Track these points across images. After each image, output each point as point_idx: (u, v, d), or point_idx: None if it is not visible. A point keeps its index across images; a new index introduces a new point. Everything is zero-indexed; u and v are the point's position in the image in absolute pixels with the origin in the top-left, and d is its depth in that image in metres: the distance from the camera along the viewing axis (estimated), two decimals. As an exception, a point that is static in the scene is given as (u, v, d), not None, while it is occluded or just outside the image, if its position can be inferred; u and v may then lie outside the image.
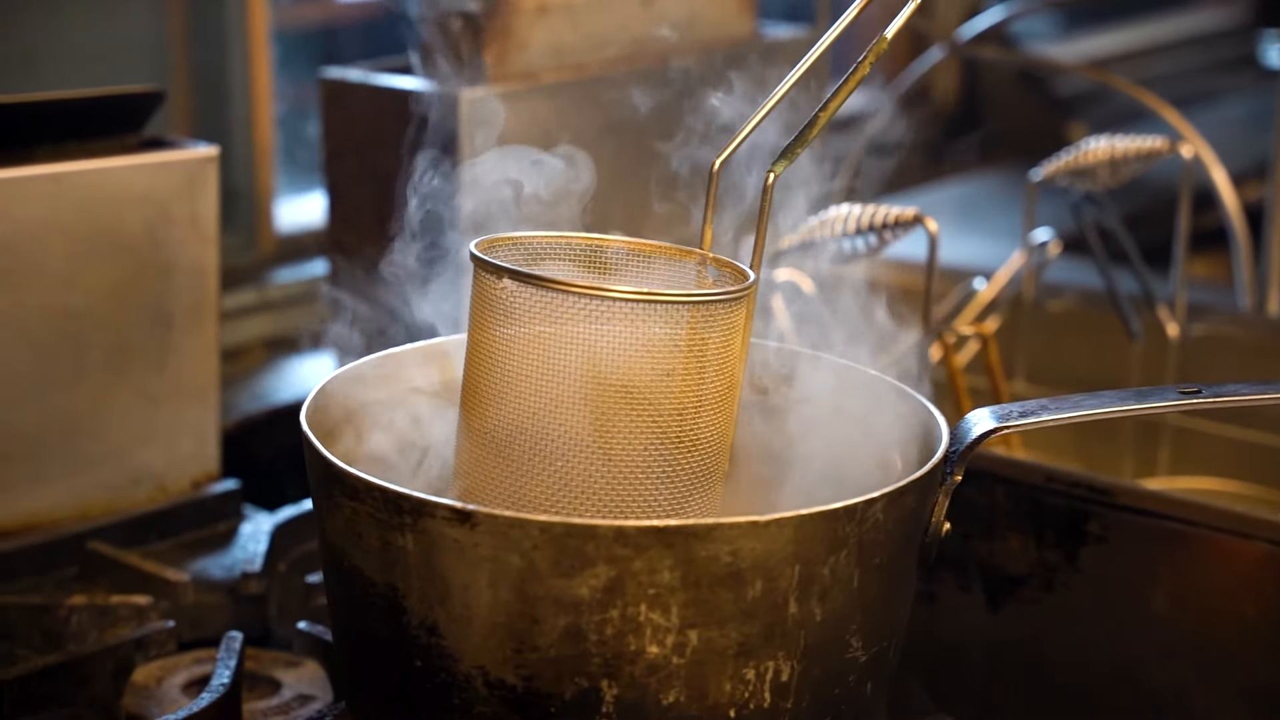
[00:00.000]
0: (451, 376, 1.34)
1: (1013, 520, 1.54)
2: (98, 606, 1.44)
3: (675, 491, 1.18)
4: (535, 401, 1.15)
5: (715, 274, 1.26)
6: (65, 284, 1.59)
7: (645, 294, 1.14)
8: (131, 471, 1.66)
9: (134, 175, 1.61)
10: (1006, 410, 1.25)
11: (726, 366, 1.19)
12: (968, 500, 1.54)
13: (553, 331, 1.15)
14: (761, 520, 1.09)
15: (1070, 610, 1.52)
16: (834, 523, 1.11)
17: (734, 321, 1.19)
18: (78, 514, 1.62)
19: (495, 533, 1.08)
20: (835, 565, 1.12)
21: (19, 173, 1.55)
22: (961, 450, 1.22)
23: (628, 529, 1.07)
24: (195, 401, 1.68)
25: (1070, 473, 1.51)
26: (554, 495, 1.16)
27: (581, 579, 1.08)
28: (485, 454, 1.18)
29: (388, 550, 1.12)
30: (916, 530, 1.19)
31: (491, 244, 1.23)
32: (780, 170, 1.23)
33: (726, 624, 1.10)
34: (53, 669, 1.34)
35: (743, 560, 1.09)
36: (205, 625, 1.52)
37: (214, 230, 1.67)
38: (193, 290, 1.66)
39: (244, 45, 2.15)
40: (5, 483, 1.58)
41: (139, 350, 1.64)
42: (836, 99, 1.25)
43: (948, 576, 1.58)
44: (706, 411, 1.18)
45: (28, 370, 1.58)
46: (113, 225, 1.60)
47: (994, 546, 1.55)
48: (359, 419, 1.29)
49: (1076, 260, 2.08)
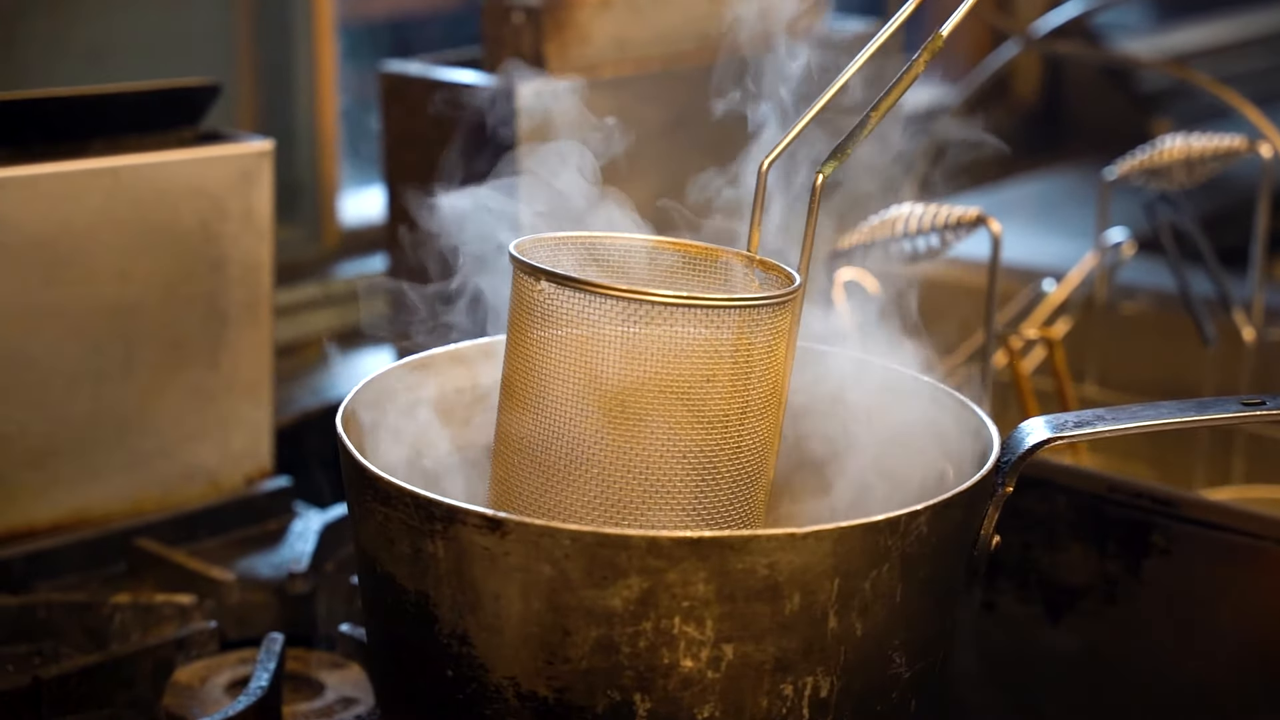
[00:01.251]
0: (494, 378, 1.31)
1: (1074, 530, 1.50)
2: (141, 605, 1.43)
3: (716, 501, 1.15)
4: (571, 407, 1.13)
5: (762, 277, 1.23)
6: (118, 278, 1.58)
7: (686, 298, 1.12)
8: (183, 467, 1.65)
9: (188, 169, 1.60)
10: (1061, 420, 1.21)
11: (771, 372, 1.16)
12: (1028, 509, 1.50)
13: (590, 335, 1.12)
14: (799, 533, 1.06)
15: (1132, 624, 1.48)
16: (875, 536, 1.08)
17: (779, 326, 1.16)
18: (129, 510, 1.61)
19: (526, 541, 1.06)
20: (877, 579, 1.09)
21: (71, 166, 1.54)
22: (1014, 461, 1.18)
23: (661, 540, 1.05)
24: (249, 397, 1.67)
25: (1133, 483, 1.47)
26: (590, 503, 1.13)
27: (614, 590, 1.06)
28: (521, 459, 1.16)
29: (419, 557, 1.10)
30: (964, 543, 1.16)
31: (533, 244, 1.21)
32: (829, 171, 1.20)
33: (763, 638, 1.07)
34: (91, 669, 1.33)
35: (780, 573, 1.06)
36: (251, 624, 1.51)
37: (269, 225, 1.65)
38: (247, 285, 1.65)
39: (309, 38, 2.14)
40: (56, 477, 1.58)
41: (192, 346, 1.63)
42: (890, 97, 1.22)
43: (1006, 586, 1.54)
44: (749, 419, 1.15)
45: (80, 365, 1.57)
46: (167, 219, 1.60)
47: (1055, 556, 1.51)
48: (399, 421, 1.27)
49: (1151, 261, 2.03)
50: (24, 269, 1.53)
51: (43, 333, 1.55)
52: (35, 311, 1.54)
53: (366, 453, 1.22)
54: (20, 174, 1.52)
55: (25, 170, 1.52)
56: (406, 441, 1.27)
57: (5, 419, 1.54)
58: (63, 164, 1.54)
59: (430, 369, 1.32)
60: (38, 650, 1.41)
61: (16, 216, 1.52)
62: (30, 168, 1.52)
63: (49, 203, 1.52)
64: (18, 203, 1.51)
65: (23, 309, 1.54)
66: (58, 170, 1.53)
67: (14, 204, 1.51)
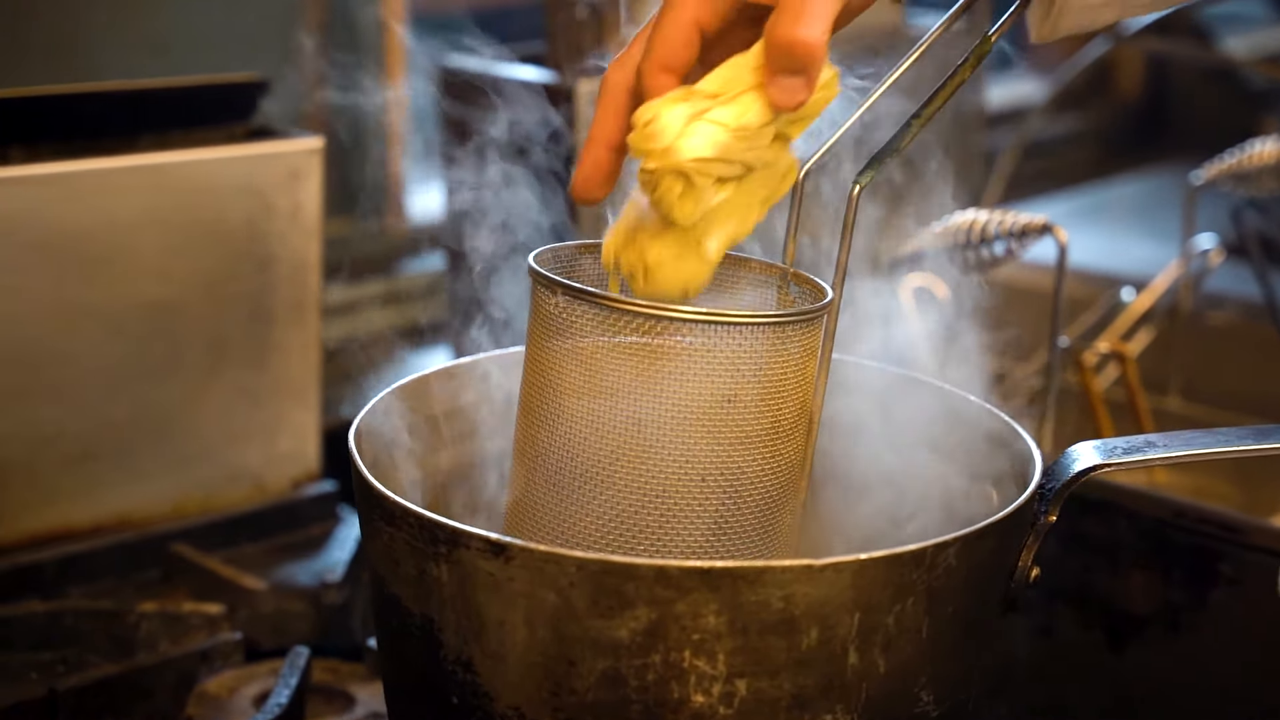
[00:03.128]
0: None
1: (1137, 556, 1.43)
2: (169, 614, 1.41)
3: (739, 527, 1.09)
4: (585, 425, 1.08)
5: (796, 290, 1.17)
6: (160, 277, 1.55)
7: (705, 313, 1.06)
8: (227, 470, 1.62)
9: (234, 166, 1.57)
10: (1111, 446, 1.15)
11: (799, 392, 1.10)
12: (1088, 531, 1.44)
13: (606, 350, 1.07)
14: (816, 564, 1.00)
15: (1198, 656, 1.41)
16: (899, 568, 1.02)
17: (807, 343, 1.10)
18: (170, 513, 1.58)
19: (530, 567, 1.01)
20: (901, 613, 1.03)
21: (111, 163, 1.52)
22: (1058, 488, 1.12)
23: (669, 569, 1.00)
24: (296, 399, 1.64)
25: (1200, 507, 1.40)
26: (604, 527, 1.09)
27: (621, 621, 1.01)
28: (535, 478, 1.11)
29: (423, 579, 1.06)
30: (999, 575, 1.10)
31: (553, 254, 1.16)
32: (866, 181, 1.14)
33: (779, 674, 1.02)
34: (110, 680, 1.30)
35: (796, 606, 1.01)
36: (288, 633, 1.48)
37: (317, 223, 1.62)
38: (294, 285, 1.62)
39: (377, 30, 2.11)
40: (96, 479, 1.55)
41: (237, 346, 1.60)
42: (933, 104, 1.16)
43: (1065, 611, 1.47)
44: (775, 441, 1.09)
45: (121, 364, 1.55)
46: (211, 217, 1.57)
47: (1116, 582, 1.44)
48: (422, 434, 1.23)
49: (1241, 269, 1.95)
50: (63, 267, 1.51)
51: (83, 331, 1.52)
52: (75, 310, 1.52)
53: (385, 468, 1.18)
54: (59, 170, 1.49)
55: (63, 167, 1.49)
56: (430, 456, 1.23)
57: (44, 419, 1.52)
58: (102, 160, 1.51)
59: (456, 379, 1.28)
60: (62, 658, 1.39)
61: (55, 213, 1.49)
62: (68, 164, 1.49)
63: (88, 200, 1.50)
64: (56, 200, 1.49)
65: (62, 307, 1.51)
66: (97, 167, 1.51)
67: (52, 201, 1.49)
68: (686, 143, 1.02)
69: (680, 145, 1.02)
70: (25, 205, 1.48)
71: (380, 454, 1.20)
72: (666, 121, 1.02)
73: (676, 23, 1.03)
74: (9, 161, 1.52)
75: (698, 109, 1.02)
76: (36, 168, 1.49)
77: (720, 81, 1.04)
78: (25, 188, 1.48)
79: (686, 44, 1.04)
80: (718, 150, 1.02)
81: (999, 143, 2.23)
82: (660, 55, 1.04)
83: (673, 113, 1.02)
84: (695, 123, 1.02)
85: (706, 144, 1.02)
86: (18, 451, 1.51)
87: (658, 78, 1.04)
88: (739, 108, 1.02)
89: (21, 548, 1.50)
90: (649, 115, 1.03)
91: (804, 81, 1.02)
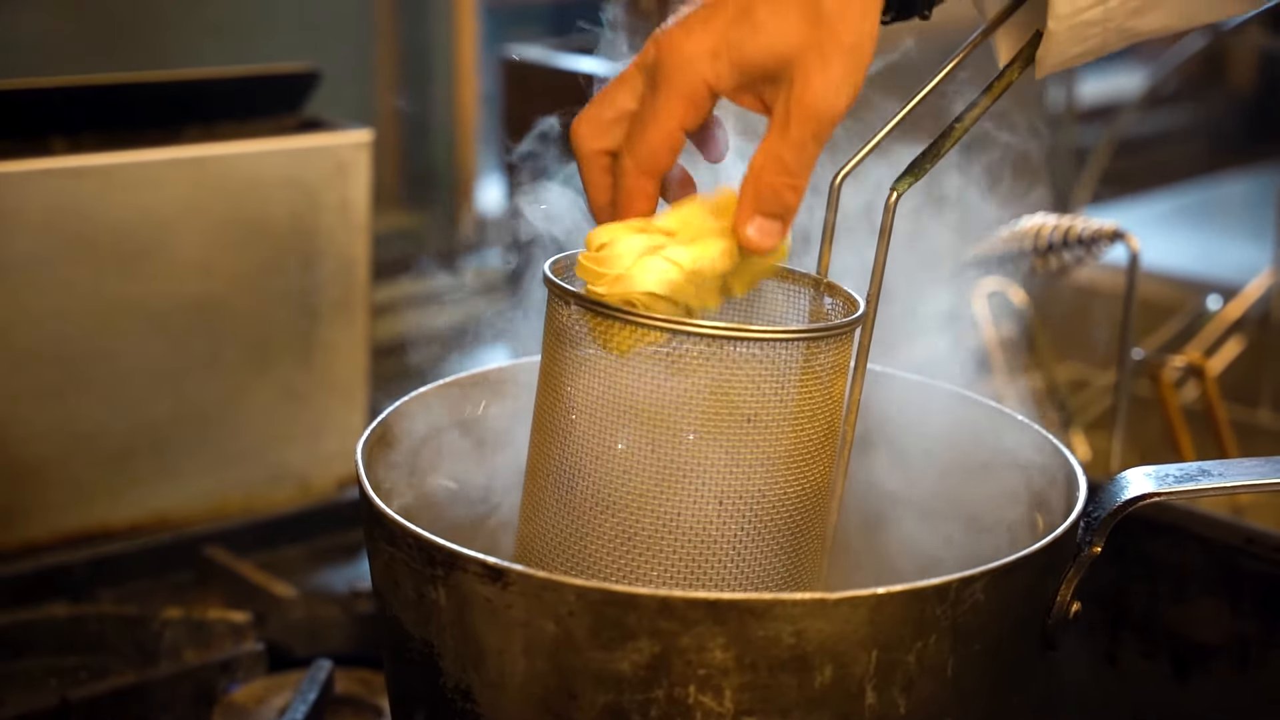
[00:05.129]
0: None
1: (1206, 583, 1.35)
2: (193, 621, 1.37)
3: (760, 554, 1.03)
4: (596, 443, 1.02)
5: (830, 302, 1.11)
6: (202, 272, 1.52)
7: (725, 328, 1.00)
8: (270, 470, 1.58)
9: (278, 159, 1.53)
10: (1164, 473, 1.08)
11: (825, 411, 1.04)
12: (1155, 556, 1.37)
13: (619, 365, 1.02)
14: (830, 598, 0.94)
15: (1268, 691, 1.33)
16: (920, 603, 0.96)
17: (836, 360, 1.04)
18: (211, 513, 1.55)
19: (528, 594, 0.96)
20: (923, 651, 0.97)
21: (152, 155, 1.49)
22: (1104, 517, 1.05)
23: (673, 600, 0.94)
24: (342, 398, 1.60)
25: (1274, 535, 1.32)
26: (615, 551, 1.03)
27: (623, 653, 0.95)
28: (545, 497, 1.06)
29: (423, 603, 1.01)
30: (1034, 611, 1.03)
31: (569, 260, 1.10)
32: (904, 189, 1.07)
33: (790, 712, 0.96)
34: (125, 691, 1.26)
35: (808, 643, 0.95)
36: (321, 640, 1.43)
37: (366, 218, 1.58)
38: (341, 281, 1.58)
39: (450, 20, 2.06)
40: (135, 478, 1.52)
41: (281, 343, 1.56)
42: (978, 107, 1.09)
43: (1129, 638, 1.40)
44: (799, 463, 1.03)
45: (160, 362, 1.51)
46: (255, 211, 1.53)
47: (1183, 611, 1.37)
48: (440, 446, 1.19)
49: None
50: (102, 261, 1.48)
51: (122, 328, 1.49)
52: (114, 305, 1.49)
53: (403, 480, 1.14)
54: (98, 162, 1.46)
55: (103, 159, 1.47)
56: (447, 469, 1.18)
57: (83, 417, 1.49)
58: (142, 152, 1.48)
59: (480, 388, 1.23)
60: (84, 665, 1.35)
61: (95, 206, 1.46)
62: (108, 156, 1.47)
63: (128, 193, 1.47)
64: (96, 192, 1.46)
65: (101, 303, 1.48)
66: (137, 159, 1.48)
67: (92, 193, 1.46)
68: (640, 275, 1.00)
69: (634, 275, 1.00)
70: (64, 198, 1.45)
71: (398, 464, 1.16)
72: (622, 250, 1.00)
73: (662, 130, 1.00)
74: (50, 152, 1.49)
75: (654, 244, 1.01)
76: (75, 159, 1.47)
77: (678, 220, 1.02)
78: (64, 180, 1.45)
79: (671, 150, 1.02)
80: (668, 289, 1.00)
81: (1092, 138, 2.15)
82: (643, 159, 1.01)
83: (629, 242, 1.01)
84: (650, 257, 1.00)
85: (659, 280, 1.00)
86: (53, 449, 1.48)
87: (637, 180, 1.02)
88: (698, 250, 1.01)
89: (53, 547, 1.47)
90: (605, 239, 1.01)
91: (781, 226, 1.01)
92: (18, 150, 1.47)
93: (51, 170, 1.46)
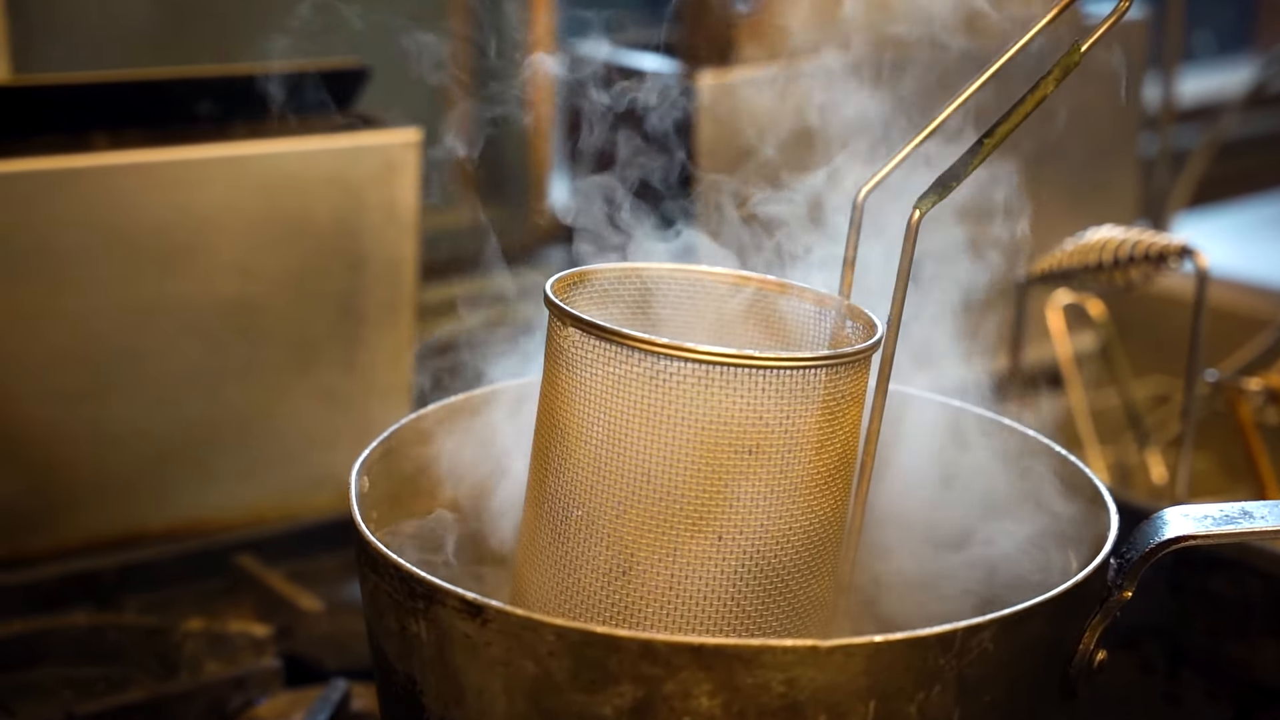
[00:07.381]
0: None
1: (1270, 622, 1.28)
2: (214, 634, 1.33)
3: (761, 593, 0.98)
4: (591, 471, 0.97)
5: (852, 326, 1.05)
6: (242, 273, 1.48)
7: (726, 355, 0.95)
8: (310, 474, 1.55)
9: (322, 158, 1.50)
10: (1205, 514, 1.01)
11: (836, 441, 0.98)
12: (1217, 592, 1.30)
13: (616, 392, 0.96)
14: (823, 646, 0.89)
15: (1333, 738, 1.26)
16: (922, 653, 0.90)
17: (849, 389, 0.98)
18: (248, 518, 1.52)
19: (508, 633, 0.91)
20: (926, 702, 0.91)
21: (192, 153, 1.46)
22: (1136, 560, 0.99)
23: (656, 644, 0.89)
24: (385, 402, 1.56)
25: (1340, 572, 1.25)
26: (608, 585, 0.98)
27: (604, 697, 0.90)
28: (541, 525, 1.01)
29: (404, 635, 0.97)
30: (1053, 660, 0.97)
31: (579, 277, 1.06)
32: (927, 208, 1.01)
33: (782, 765, 0.91)
34: (134, 706, 1.23)
35: (800, 692, 0.89)
36: (350, 654, 1.39)
37: (413, 219, 1.53)
38: (387, 284, 1.54)
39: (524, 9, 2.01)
40: (171, 482, 1.50)
41: (323, 346, 1.53)
42: (1009, 122, 1.02)
43: (1192, 678, 1.33)
44: (806, 498, 0.98)
45: (198, 364, 1.48)
46: (298, 211, 1.49)
47: (1247, 651, 1.29)
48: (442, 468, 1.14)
49: None
50: (140, 260, 1.45)
51: (158, 329, 1.46)
52: (150, 306, 1.46)
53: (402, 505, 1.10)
54: (135, 160, 1.43)
55: (140, 156, 1.43)
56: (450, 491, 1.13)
57: (118, 419, 1.47)
58: (181, 150, 1.45)
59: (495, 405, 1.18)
60: (105, 676, 1.32)
61: (132, 204, 1.43)
62: (145, 153, 1.44)
63: (167, 191, 1.44)
64: (132, 191, 1.43)
65: (137, 303, 1.45)
66: (175, 157, 1.45)
67: (131, 191, 1.43)
68: None
69: None
70: (101, 195, 1.42)
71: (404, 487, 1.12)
72: None
73: None
74: (92, 148, 1.46)
75: None
76: (113, 156, 1.43)
77: None
78: (103, 177, 1.42)
79: None
80: None
81: (1190, 140, 2.06)
82: None
83: None
84: None
85: None
86: (87, 451, 1.46)
87: None
88: None
89: (85, 552, 1.44)
90: None
91: None
92: (58, 146, 1.44)
93: (91, 168, 1.43)
